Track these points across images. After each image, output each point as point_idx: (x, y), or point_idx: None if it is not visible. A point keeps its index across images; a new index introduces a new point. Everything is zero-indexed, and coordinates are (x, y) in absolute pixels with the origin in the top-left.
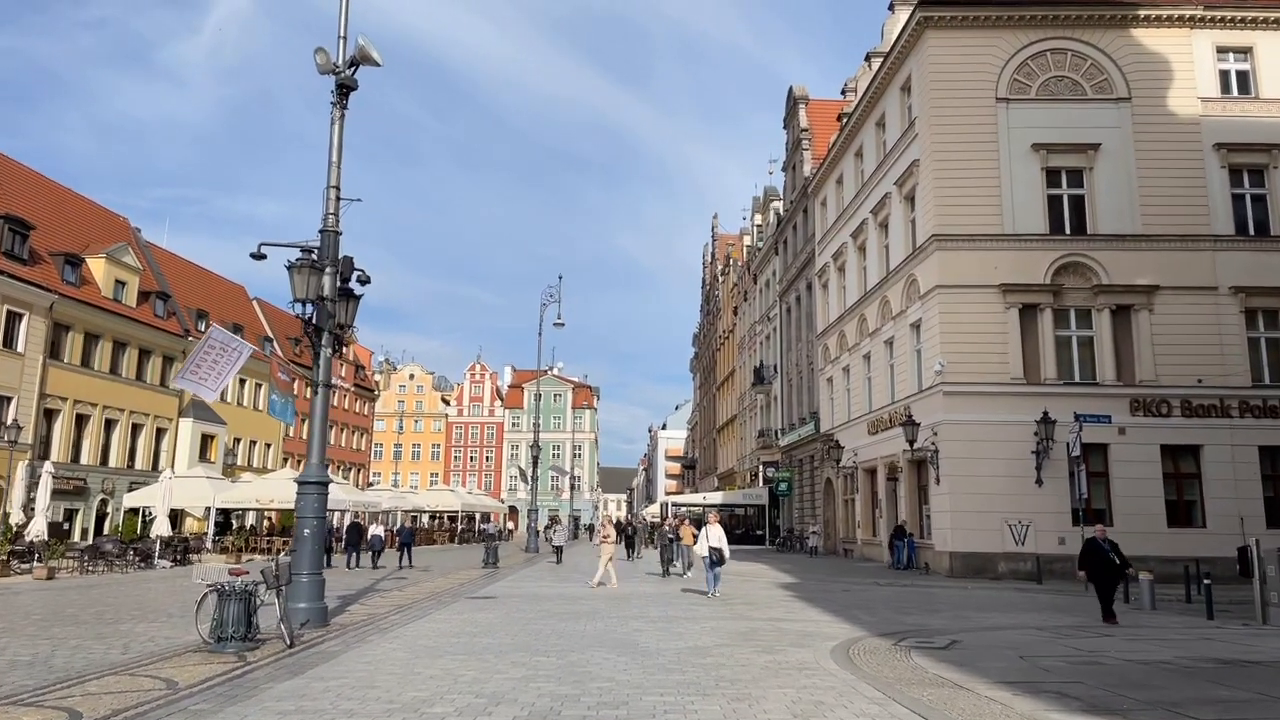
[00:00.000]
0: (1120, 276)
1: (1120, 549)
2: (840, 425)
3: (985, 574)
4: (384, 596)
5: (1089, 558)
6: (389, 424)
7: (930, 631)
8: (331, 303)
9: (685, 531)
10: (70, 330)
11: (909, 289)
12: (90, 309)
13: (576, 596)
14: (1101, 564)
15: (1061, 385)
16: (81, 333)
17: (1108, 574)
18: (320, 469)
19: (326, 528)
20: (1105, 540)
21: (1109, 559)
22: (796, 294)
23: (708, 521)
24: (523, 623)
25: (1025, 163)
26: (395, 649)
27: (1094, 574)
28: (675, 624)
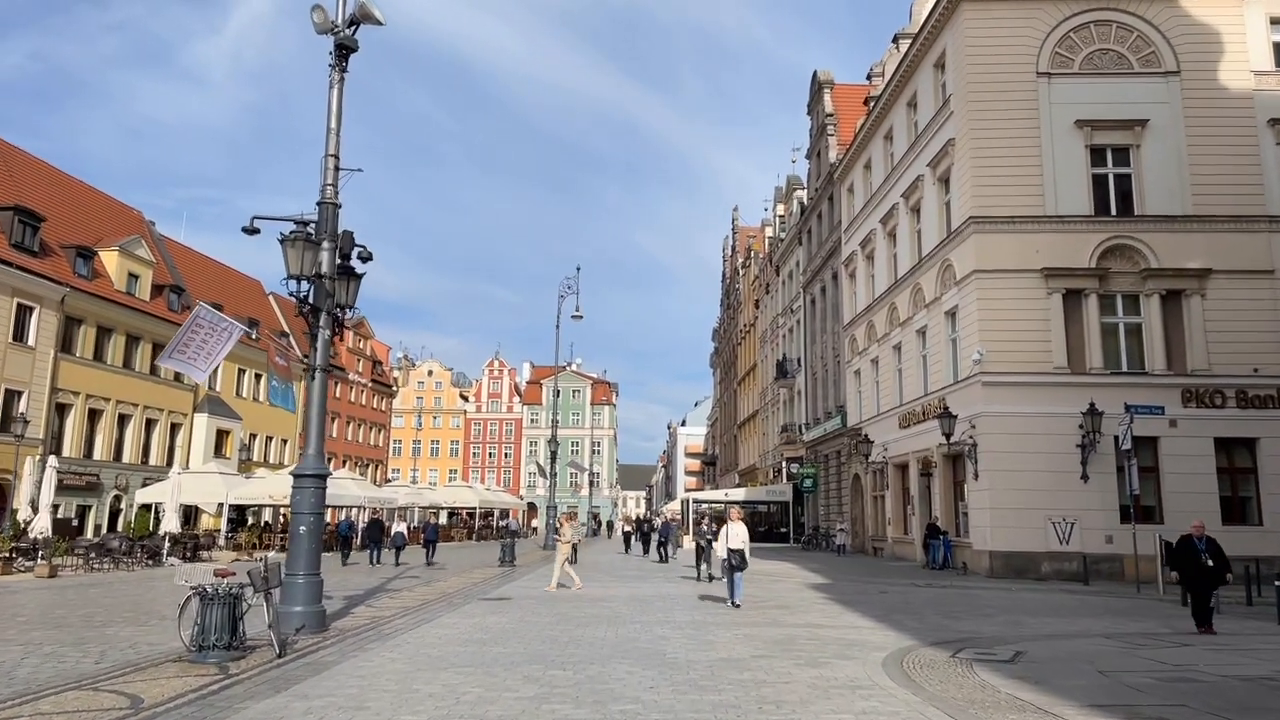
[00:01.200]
0: (1170, 260)
1: (1221, 548)
2: (869, 419)
3: (1027, 574)
4: (393, 597)
5: (1182, 558)
6: (408, 420)
7: (987, 640)
8: (330, 280)
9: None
10: (82, 324)
11: (944, 275)
12: (102, 302)
13: (596, 598)
14: (1197, 566)
15: (1108, 375)
16: (94, 326)
17: (1204, 577)
18: (317, 460)
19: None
20: (1202, 538)
21: (1205, 561)
22: (821, 284)
23: (728, 518)
24: (538, 628)
25: (1068, 140)
26: (395, 659)
27: (1188, 577)
28: (705, 630)
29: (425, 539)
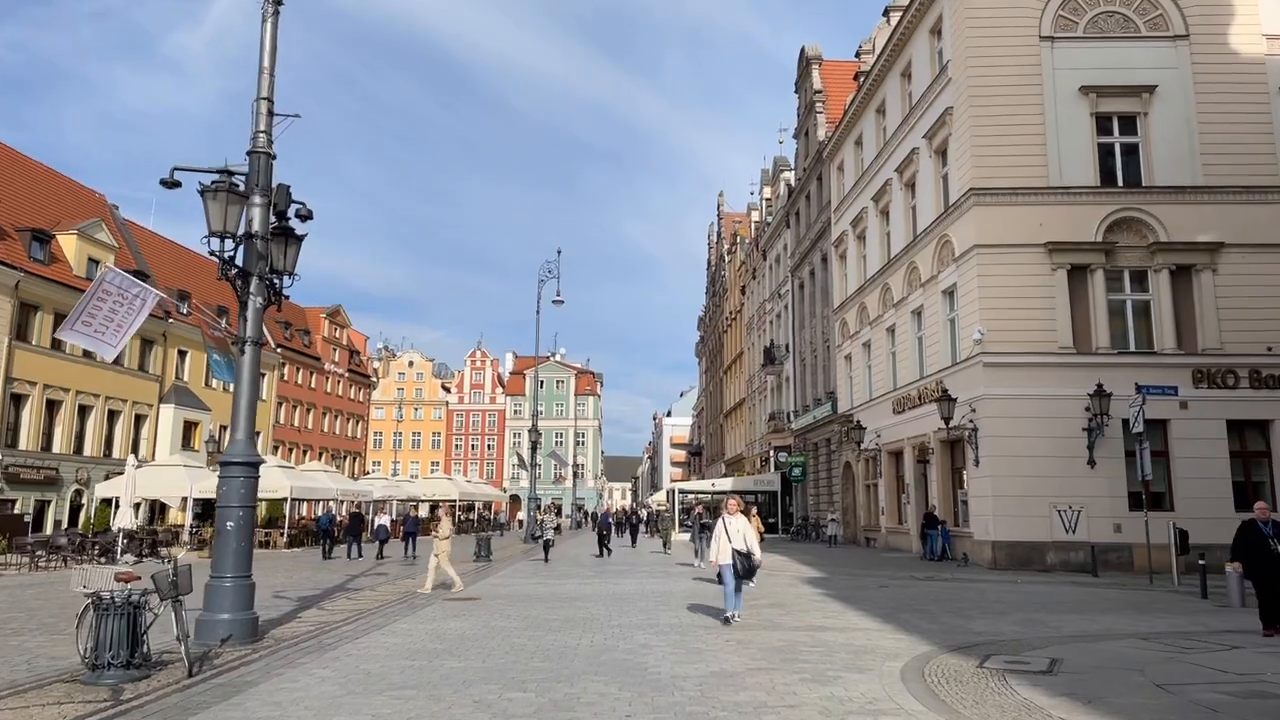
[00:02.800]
0: (1180, 233)
1: None
2: (861, 405)
3: (1032, 565)
4: (350, 598)
5: (1247, 545)
6: (388, 412)
7: (1010, 643)
8: (263, 241)
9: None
10: (39, 310)
11: (941, 252)
12: (60, 288)
13: (572, 597)
14: (1264, 554)
15: (1115, 355)
16: (51, 313)
17: (1274, 567)
18: (247, 446)
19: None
20: (1268, 521)
21: (1273, 548)
22: (810, 268)
23: (726, 510)
24: (502, 635)
25: (1073, 107)
26: (326, 678)
27: (1256, 568)
28: (692, 636)
29: (405, 532)
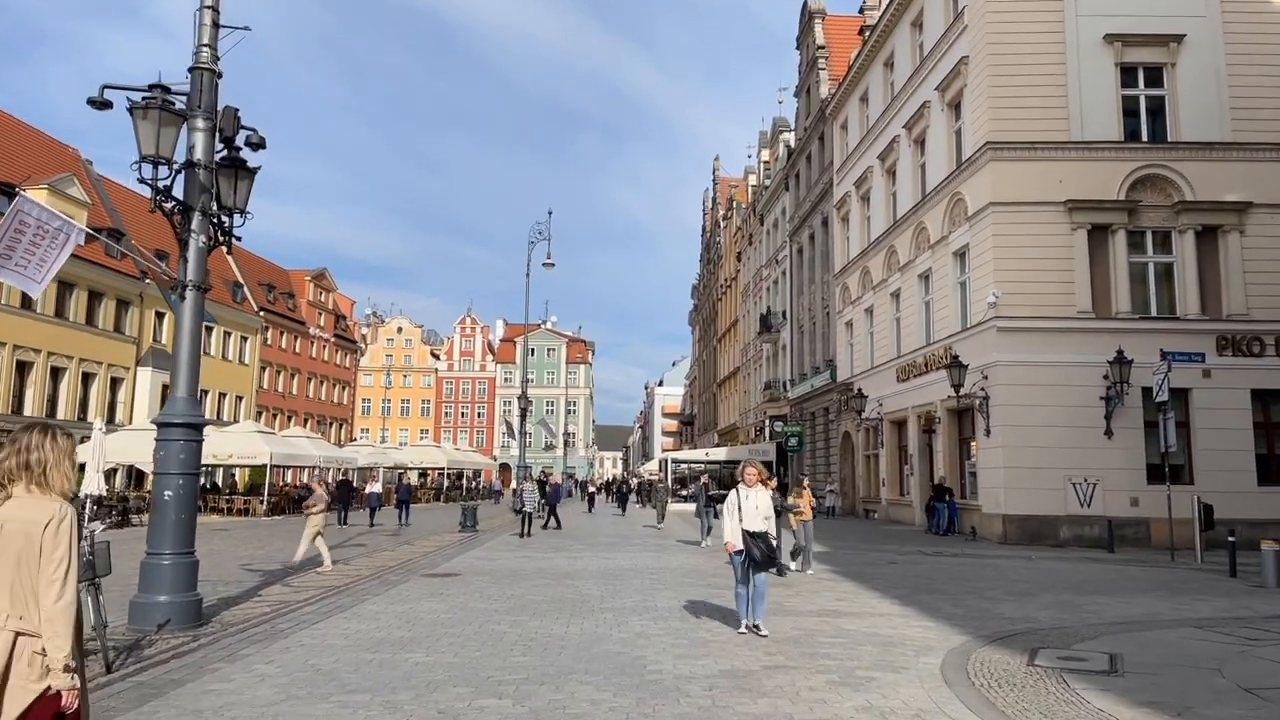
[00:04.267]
0: (1206, 192)
1: None
2: (861, 373)
3: (1044, 540)
4: (320, 573)
5: None
6: (377, 379)
7: (1053, 633)
8: (207, 171)
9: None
10: None
11: (952, 211)
12: None
13: (561, 574)
14: None
15: (1136, 320)
16: None
17: None
18: (188, 404)
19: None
20: None
21: None
22: (810, 231)
23: (742, 479)
24: (480, 620)
25: (1096, 58)
26: (266, 677)
27: None
28: (694, 621)
29: (398, 500)
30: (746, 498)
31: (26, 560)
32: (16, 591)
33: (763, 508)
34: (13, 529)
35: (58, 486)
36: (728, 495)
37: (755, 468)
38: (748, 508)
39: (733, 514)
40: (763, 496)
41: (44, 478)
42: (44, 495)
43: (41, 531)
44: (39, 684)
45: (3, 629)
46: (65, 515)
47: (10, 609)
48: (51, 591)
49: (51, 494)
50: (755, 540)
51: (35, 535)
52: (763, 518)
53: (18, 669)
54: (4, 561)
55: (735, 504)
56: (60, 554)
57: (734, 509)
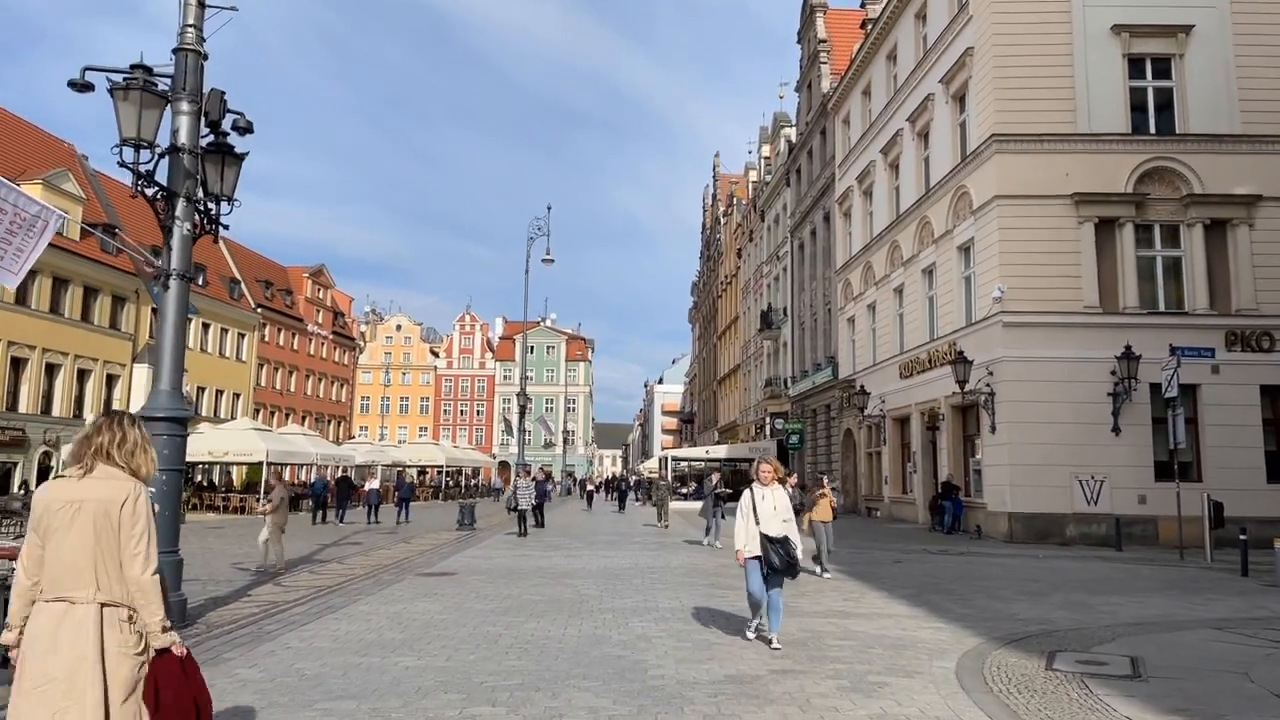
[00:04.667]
0: (1216, 185)
1: None
2: (864, 369)
3: (1051, 539)
4: (313, 571)
5: None
6: (375, 376)
7: (1069, 635)
8: (192, 156)
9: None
10: None
11: (957, 205)
12: None
13: (559, 573)
14: None
15: (1144, 315)
16: None
17: None
18: (173, 398)
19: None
20: None
21: None
22: (811, 227)
23: (758, 477)
24: (475, 621)
25: (1103, 48)
26: (248, 683)
27: None
28: (696, 623)
29: (399, 497)
30: (763, 498)
31: (106, 536)
32: (99, 566)
33: (781, 509)
34: (93, 507)
35: (141, 469)
36: (741, 495)
37: (771, 464)
38: (764, 509)
39: (748, 516)
40: (780, 496)
41: (130, 459)
42: (122, 476)
43: (119, 509)
44: (135, 650)
45: (91, 601)
46: (140, 493)
47: (95, 582)
48: (137, 563)
49: (128, 475)
50: (774, 546)
51: (113, 513)
52: (781, 520)
53: (110, 636)
54: (86, 538)
55: (750, 505)
56: (140, 528)
57: (749, 511)
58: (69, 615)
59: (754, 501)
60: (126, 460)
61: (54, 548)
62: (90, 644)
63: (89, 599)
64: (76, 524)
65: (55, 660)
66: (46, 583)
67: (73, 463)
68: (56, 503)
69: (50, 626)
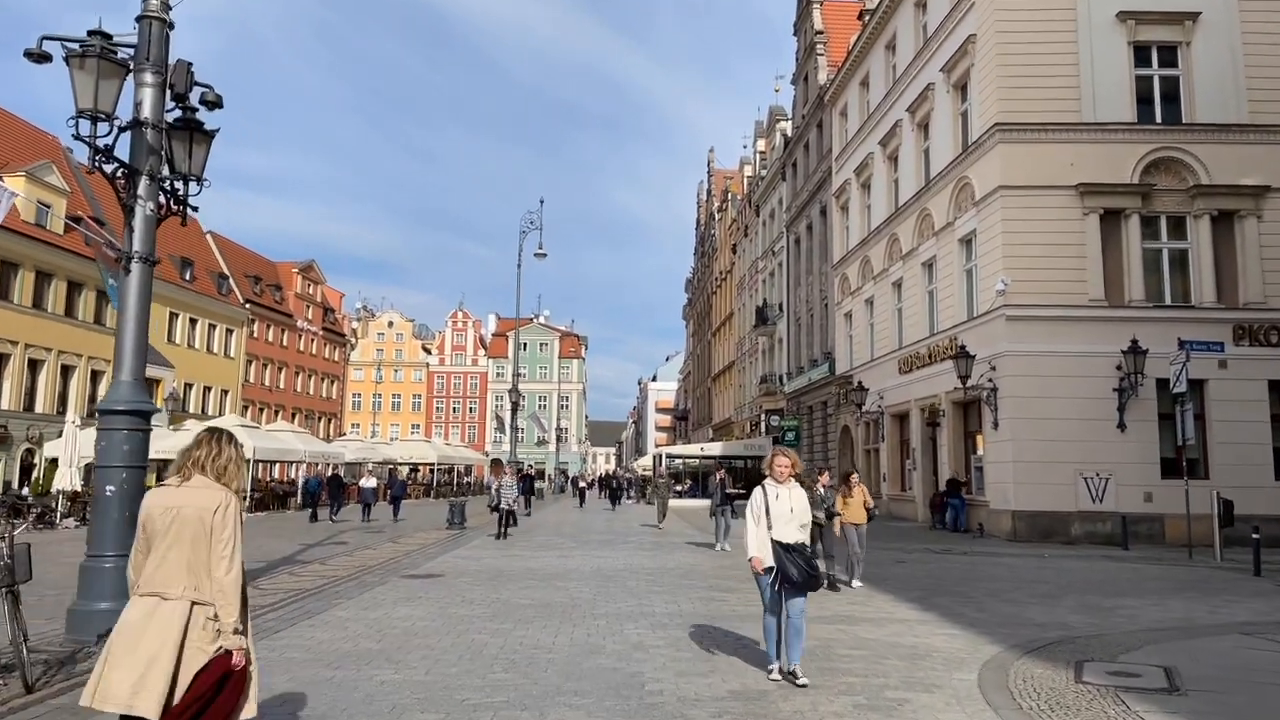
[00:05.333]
0: (1223, 175)
1: None
2: (862, 365)
3: (1055, 537)
4: (294, 573)
5: None
6: (367, 373)
7: (1091, 641)
8: (156, 131)
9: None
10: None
11: (958, 196)
12: (6, 234)
13: (550, 574)
14: None
15: (1150, 308)
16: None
17: None
18: (134, 390)
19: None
20: None
21: None
22: (807, 221)
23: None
24: (461, 628)
25: (1108, 36)
26: None
27: None
28: (695, 630)
29: (391, 495)
30: (776, 498)
31: (199, 540)
32: (191, 566)
33: (799, 511)
34: (188, 513)
35: (232, 482)
36: (752, 494)
37: (787, 457)
38: (778, 510)
39: (759, 519)
40: (798, 496)
41: (224, 472)
42: (216, 485)
43: (212, 515)
44: (212, 646)
45: (181, 598)
46: (229, 502)
47: (187, 581)
48: (222, 565)
49: (221, 485)
50: (790, 555)
51: (206, 519)
52: (798, 524)
53: (193, 632)
54: (182, 541)
55: (761, 506)
56: (227, 534)
57: (760, 513)
58: (160, 608)
59: (766, 502)
60: (219, 474)
61: (155, 549)
62: (174, 634)
63: (180, 595)
64: (174, 528)
65: (141, 645)
66: (144, 579)
67: (173, 472)
68: (158, 508)
69: (142, 617)
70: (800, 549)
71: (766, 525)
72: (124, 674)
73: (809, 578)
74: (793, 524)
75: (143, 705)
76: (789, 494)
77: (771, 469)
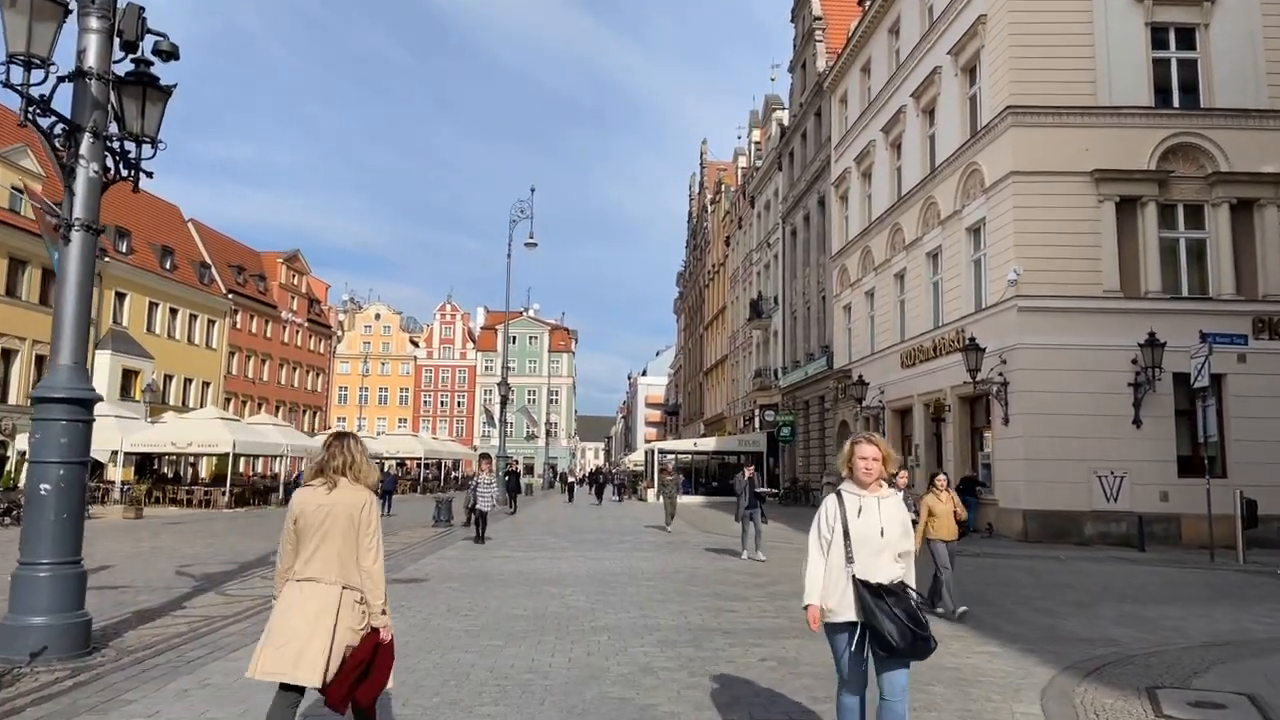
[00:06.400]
0: (1242, 162)
1: None
2: (861, 359)
3: (1068, 538)
4: (266, 576)
5: None
6: (354, 366)
7: (1149, 660)
8: (102, 83)
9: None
10: None
11: (966, 183)
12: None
13: (543, 578)
14: None
15: (1167, 300)
16: None
17: None
18: (73, 375)
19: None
20: None
21: None
22: (805, 212)
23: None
24: (443, 645)
25: (1125, 16)
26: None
27: None
28: (710, 645)
29: (382, 489)
30: (859, 512)
31: (349, 533)
32: (342, 556)
33: (895, 532)
34: (339, 511)
35: (366, 479)
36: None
37: (875, 446)
38: (863, 532)
39: (830, 545)
40: (892, 509)
41: (357, 473)
42: (357, 485)
43: (360, 512)
44: (360, 625)
45: (335, 584)
46: (372, 500)
47: (340, 568)
48: (370, 555)
49: (361, 484)
50: (883, 603)
51: (355, 515)
52: (894, 553)
53: (344, 613)
54: (334, 535)
55: (835, 525)
56: (373, 527)
57: (833, 536)
58: (316, 592)
59: (843, 518)
60: (357, 476)
61: (308, 541)
62: (330, 615)
63: (334, 581)
64: (326, 524)
65: (299, 622)
66: (299, 567)
67: (315, 476)
68: (310, 506)
69: (300, 599)
70: (900, 593)
71: (844, 555)
72: (285, 649)
73: (915, 639)
74: (886, 553)
75: (305, 675)
76: (878, 506)
77: (851, 467)
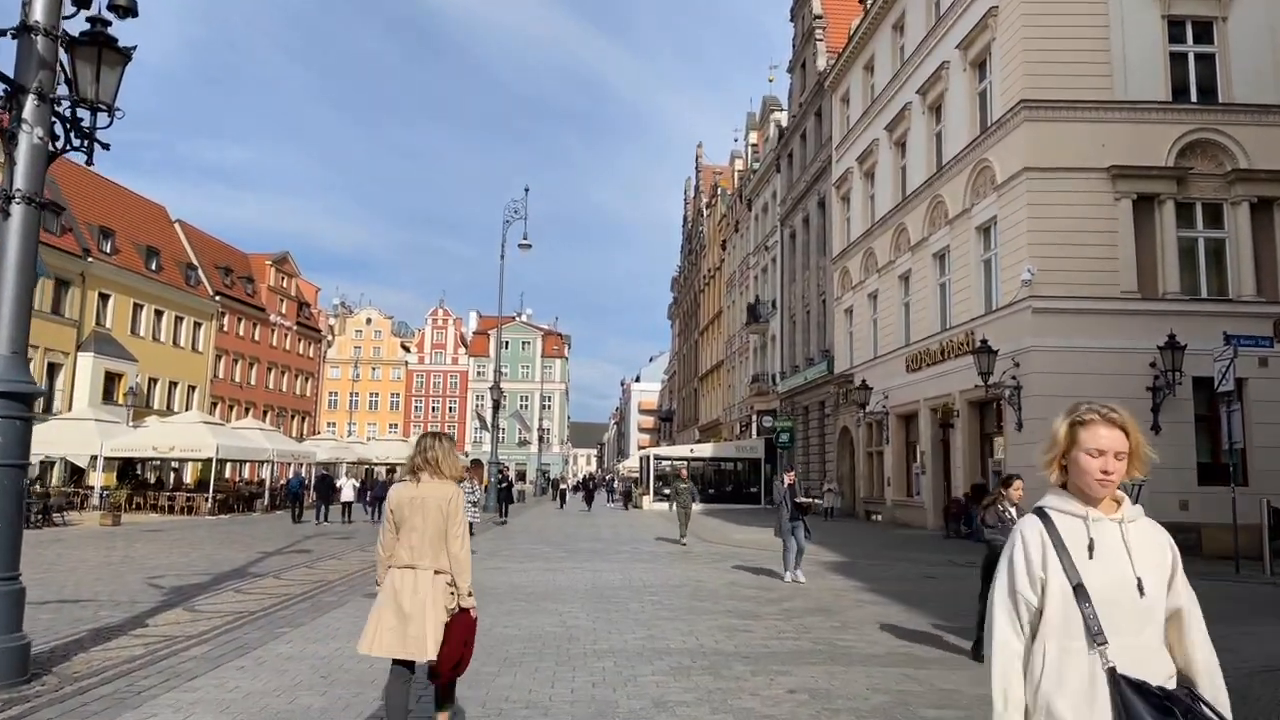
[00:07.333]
0: (1263, 160)
1: None
2: (864, 363)
3: None
4: (240, 590)
5: None
6: (344, 371)
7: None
8: (50, 40)
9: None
10: None
11: (976, 181)
12: None
13: (538, 593)
14: None
15: (1186, 301)
16: None
17: None
18: (11, 366)
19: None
20: None
21: None
22: (804, 214)
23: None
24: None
25: (1141, 8)
26: None
27: None
28: (729, 675)
29: (373, 496)
30: (1089, 549)
31: (437, 522)
32: (433, 544)
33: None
34: (430, 503)
35: (449, 473)
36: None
37: (1123, 427)
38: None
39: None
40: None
41: (439, 468)
42: (446, 479)
43: (447, 504)
44: (450, 604)
45: (429, 568)
46: (457, 491)
47: (432, 555)
48: (457, 542)
49: (445, 478)
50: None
51: (444, 506)
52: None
53: (434, 594)
54: (428, 522)
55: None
56: (460, 517)
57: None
58: (416, 576)
59: (1062, 557)
60: (444, 471)
61: (405, 532)
62: (429, 595)
63: (428, 566)
64: (419, 515)
65: (405, 604)
66: (398, 555)
67: (407, 472)
68: (405, 499)
69: (404, 584)
70: (1190, 705)
71: (1084, 630)
72: (393, 628)
73: None
74: (1152, 626)
75: (414, 650)
76: (1123, 536)
77: (1068, 464)
